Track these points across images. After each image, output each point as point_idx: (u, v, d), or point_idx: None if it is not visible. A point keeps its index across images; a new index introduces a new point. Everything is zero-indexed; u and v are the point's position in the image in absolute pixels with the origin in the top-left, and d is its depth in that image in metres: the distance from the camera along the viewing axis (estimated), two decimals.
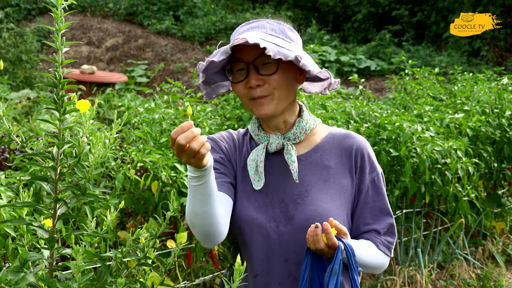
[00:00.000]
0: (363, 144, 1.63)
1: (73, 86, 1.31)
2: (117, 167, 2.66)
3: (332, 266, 1.42)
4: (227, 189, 1.59)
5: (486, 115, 4.16)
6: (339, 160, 1.61)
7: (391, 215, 1.64)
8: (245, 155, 1.65)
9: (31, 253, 1.29)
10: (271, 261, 1.56)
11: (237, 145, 1.67)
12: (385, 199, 1.63)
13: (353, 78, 4.94)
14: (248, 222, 1.57)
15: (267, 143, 1.61)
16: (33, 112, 6.78)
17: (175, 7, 14.71)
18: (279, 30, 1.56)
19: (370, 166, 1.62)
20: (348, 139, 1.64)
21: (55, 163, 1.26)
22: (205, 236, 1.52)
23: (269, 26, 1.56)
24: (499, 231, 4.52)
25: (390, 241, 1.63)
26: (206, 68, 1.53)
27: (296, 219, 1.54)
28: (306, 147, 1.63)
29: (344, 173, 1.60)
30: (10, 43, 10.40)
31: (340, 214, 1.56)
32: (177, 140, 1.30)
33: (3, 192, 2.01)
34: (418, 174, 3.45)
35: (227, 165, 1.63)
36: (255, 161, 1.59)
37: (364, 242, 1.58)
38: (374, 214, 1.61)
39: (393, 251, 1.65)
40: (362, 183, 1.60)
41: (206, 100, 3.71)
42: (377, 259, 1.59)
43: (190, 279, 2.82)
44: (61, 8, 1.24)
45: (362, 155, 1.61)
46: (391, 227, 1.63)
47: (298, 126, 1.61)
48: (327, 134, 1.65)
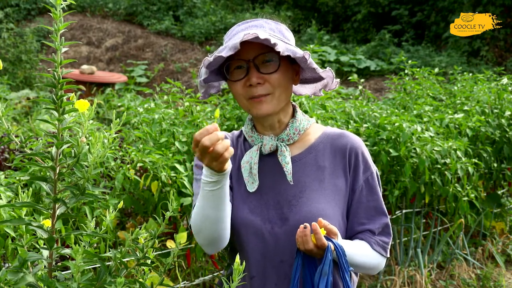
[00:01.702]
0: (357, 143, 1.62)
1: (72, 86, 1.30)
2: (117, 167, 2.66)
3: (322, 267, 1.40)
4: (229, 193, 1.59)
5: (486, 115, 4.16)
6: (333, 160, 1.60)
7: (386, 215, 1.62)
8: (239, 157, 1.64)
9: (30, 253, 1.28)
10: (267, 263, 1.56)
11: (232, 145, 1.67)
12: (380, 199, 1.62)
13: (353, 78, 4.94)
14: (244, 224, 1.57)
15: (261, 144, 1.60)
16: (32, 112, 6.78)
17: (175, 7, 14.71)
18: (277, 30, 1.55)
19: (364, 166, 1.60)
20: (342, 138, 1.62)
21: (54, 163, 1.26)
22: (211, 241, 1.53)
23: (268, 25, 1.55)
24: (498, 231, 4.52)
25: (385, 241, 1.61)
26: (209, 64, 1.51)
27: (291, 220, 1.54)
28: (299, 147, 1.62)
29: (338, 173, 1.59)
30: (9, 43, 10.40)
31: (335, 215, 1.55)
32: (202, 141, 1.32)
33: (2, 192, 2.01)
34: (417, 174, 3.45)
35: None
36: (249, 163, 1.59)
37: (357, 242, 1.57)
38: (368, 214, 1.59)
39: (391, 251, 1.63)
40: (356, 182, 1.59)
41: (205, 100, 3.71)
42: (371, 259, 1.58)
43: (190, 279, 2.82)
44: (60, 8, 1.23)
45: (356, 155, 1.60)
46: (386, 227, 1.62)
47: (291, 127, 1.60)
48: (321, 134, 1.65)
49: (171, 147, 2.99)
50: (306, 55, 1.47)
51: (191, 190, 2.65)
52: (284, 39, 1.54)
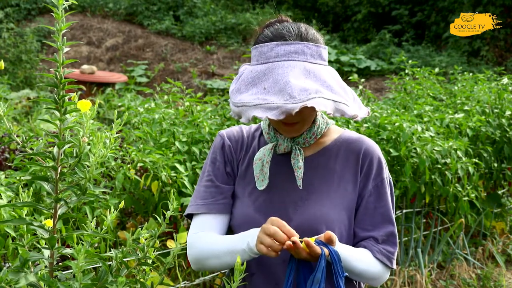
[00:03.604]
0: (372, 149, 1.59)
1: (73, 86, 1.31)
2: (117, 167, 2.67)
3: (315, 274, 1.38)
4: (229, 207, 1.62)
5: (486, 115, 4.16)
6: (346, 164, 1.58)
7: (393, 224, 1.57)
8: (254, 150, 1.63)
9: (31, 253, 1.29)
10: (269, 261, 1.56)
11: (245, 143, 1.66)
12: (388, 207, 1.57)
13: (353, 78, 4.94)
14: (248, 222, 1.56)
15: (276, 143, 1.58)
16: (33, 112, 6.78)
17: (175, 7, 14.71)
18: (317, 55, 1.47)
19: (376, 172, 1.57)
20: (358, 143, 1.59)
21: (56, 163, 1.27)
22: (204, 268, 1.63)
23: (309, 51, 1.46)
24: (499, 231, 4.53)
25: (389, 250, 1.56)
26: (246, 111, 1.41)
27: (294, 221, 1.52)
28: (313, 149, 1.60)
29: (349, 177, 1.57)
30: (10, 43, 10.39)
31: (340, 219, 1.53)
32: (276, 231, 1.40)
33: (3, 192, 2.01)
34: (418, 174, 3.45)
35: (230, 174, 1.64)
36: (261, 161, 1.57)
37: (359, 249, 1.54)
38: (374, 221, 1.56)
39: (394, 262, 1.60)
40: (365, 188, 1.56)
41: (205, 100, 3.72)
42: (372, 268, 1.53)
43: (190, 279, 2.82)
44: (62, 8, 1.24)
45: (370, 161, 1.57)
46: (391, 236, 1.57)
47: (309, 131, 1.57)
48: (337, 137, 1.62)
49: (171, 147, 2.99)
50: (356, 115, 1.42)
51: (191, 190, 2.66)
52: (323, 63, 1.48)
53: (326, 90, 1.40)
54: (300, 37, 1.47)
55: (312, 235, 1.47)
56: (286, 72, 1.40)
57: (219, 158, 1.64)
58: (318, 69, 1.44)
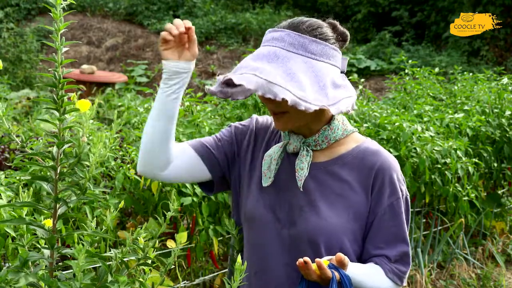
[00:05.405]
0: (388, 164, 1.52)
1: (73, 86, 1.31)
2: (117, 167, 2.66)
3: None
4: (205, 152, 1.61)
5: (486, 115, 4.16)
6: (358, 176, 1.52)
7: (407, 244, 1.53)
8: (276, 142, 1.62)
9: (31, 253, 1.28)
10: (272, 261, 1.55)
11: (268, 132, 1.65)
12: (402, 226, 1.52)
13: (353, 78, 4.95)
14: (258, 219, 1.56)
15: (287, 142, 1.57)
16: (33, 112, 6.77)
17: (175, 7, 14.71)
18: (299, 45, 1.44)
19: (390, 189, 1.51)
20: (374, 156, 1.53)
21: (55, 162, 1.26)
22: (147, 154, 1.57)
23: (289, 39, 1.44)
24: (499, 231, 4.53)
25: (402, 270, 1.52)
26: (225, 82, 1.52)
27: (298, 226, 1.51)
28: (327, 155, 1.55)
29: (359, 190, 1.51)
30: (10, 43, 10.39)
31: (345, 232, 1.49)
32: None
33: (3, 192, 2.01)
34: (418, 174, 3.45)
35: (227, 154, 1.63)
36: (270, 157, 1.56)
37: (370, 266, 1.50)
38: (387, 239, 1.51)
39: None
40: (379, 206, 1.50)
41: (205, 100, 3.71)
42: (382, 286, 1.51)
43: (190, 279, 2.82)
44: (61, 8, 1.24)
45: (383, 176, 1.50)
46: (405, 255, 1.53)
47: (321, 134, 1.53)
48: (355, 146, 1.55)
49: None
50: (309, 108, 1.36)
51: (191, 189, 2.66)
52: (305, 55, 1.43)
53: (283, 75, 1.38)
54: (290, 27, 1.48)
55: (311, 245, 1.47)
56: (257, 54, 1.45)
57: (233, 136, 1.65)
58: (290, 57, 1.42)
